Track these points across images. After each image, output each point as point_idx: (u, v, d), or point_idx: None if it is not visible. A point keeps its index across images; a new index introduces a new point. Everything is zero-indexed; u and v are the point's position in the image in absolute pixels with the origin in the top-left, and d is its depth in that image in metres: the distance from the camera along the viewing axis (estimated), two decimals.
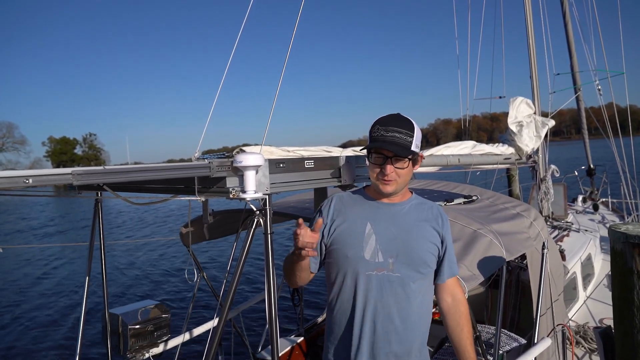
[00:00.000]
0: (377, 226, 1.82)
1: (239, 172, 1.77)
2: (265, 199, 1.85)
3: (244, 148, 2.47)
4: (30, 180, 1.26)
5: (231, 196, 1.76)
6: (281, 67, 2.52)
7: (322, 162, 2.20)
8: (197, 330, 3.82)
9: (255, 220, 1.83)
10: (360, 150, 1.87)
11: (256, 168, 1.77)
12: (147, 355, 3.18)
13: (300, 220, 1.63)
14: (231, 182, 1.79)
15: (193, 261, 3.52)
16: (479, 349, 2.57)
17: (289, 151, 2.90)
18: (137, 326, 3.09)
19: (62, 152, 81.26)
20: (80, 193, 2.60)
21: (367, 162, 1.85)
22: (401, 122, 1.79)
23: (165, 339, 3.28)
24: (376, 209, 1.87)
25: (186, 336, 3.60)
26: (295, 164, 2.06)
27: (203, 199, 1.83)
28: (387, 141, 1.75)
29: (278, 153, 2.79)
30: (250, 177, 1.74)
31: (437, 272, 1.93)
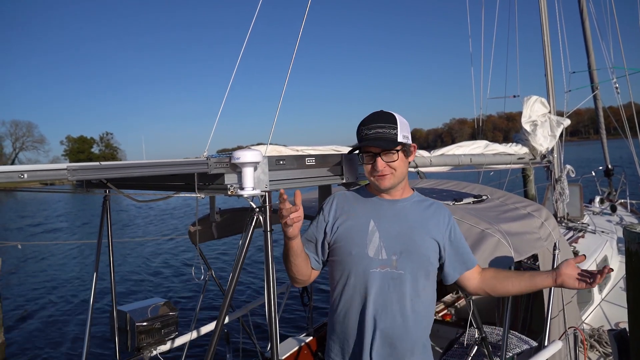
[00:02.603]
0: (381, 223, 1.82)
1: (237, 169, 1.76)
2: (265, 196, 1.84)
3: (253, 147, 2.46)
4: (25, 176, 1.25)
5: (229, 193, 1.75)
6: (297, 66, 2.51)
7: (323, 160, 2.18)
8: (205, 329, 3.82)
9: (255, 217, 1.82)
10: (348, 153, 1.87)
11: (254, 165, 1.75)
12: (154, 352, 3.19)
13: (282, 191, 1.61)
14: (230, 179, 1.78)
15: (201, 259, 3.53)
16: (485, 350, 2.52)
17: (297, 150, 2.88)
18: (145, 323, 3.10)
19: (79, 150, 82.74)
20: (88, 191, 2.62)
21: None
22: (382, 117, 1.80)
23: (172, 336, 3.29)
24: (379, 206, 1.87)
25: (194, 334, 3.61)
26: (295, 161, 2.04)
27: (203, 195, 1.82)
28: (371, 138, 1.77)
29: (287, 152, 2.78)
30: (248, 174, 1.72)
31: (457, 266, 1.91)
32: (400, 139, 1.78)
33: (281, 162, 1.94)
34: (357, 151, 1.88)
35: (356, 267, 1.80)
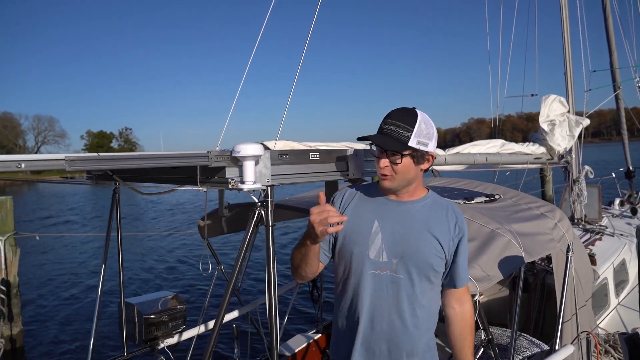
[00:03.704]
0: (385, 225, 1.76)
1: (238, 162, 1.74)
2: (267, 190, 1.81)
3: (265, 142, 2.44)
4: (23, 165, 1.25)
5: (230, 187, 1.73)
6: (313, 63, 2.49)
7: (328, 155, 2.14)
8: (213, 323, 3.83)
9: (257, 212, 1.80)
10: (358, 139, 1.79)
11: (255, 158, 1.73)
12: (161, 345, 3.21)
13: (321, 194, 1.51)
14: (231, 172, 1.76)
15: (210, 253, 3.53)
16: (492, 352, 2.47)
17: (310, 146, 2.86)
18: (153, 316, 3.12)
19: (99, 145, 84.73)
20: (97, 183, 2.64)
21: None
22: (403, 116, 1.68)
23: (180, 330, 3.30)
24: (385, 207, 1.79)
25: (201, 328, 3.62)
26: (299, 156, 2.01)
27: (205, 189, 1.81)
28: (381, 133, 1.68)
29: (298, 147, 2.75)
30: (248, 168, 1.70)
31: (446, 278, 1.85)
32: (412, 143, 1.65)
33: (284, 157, 1.92)
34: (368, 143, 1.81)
35: (356, 267, 1.76)
